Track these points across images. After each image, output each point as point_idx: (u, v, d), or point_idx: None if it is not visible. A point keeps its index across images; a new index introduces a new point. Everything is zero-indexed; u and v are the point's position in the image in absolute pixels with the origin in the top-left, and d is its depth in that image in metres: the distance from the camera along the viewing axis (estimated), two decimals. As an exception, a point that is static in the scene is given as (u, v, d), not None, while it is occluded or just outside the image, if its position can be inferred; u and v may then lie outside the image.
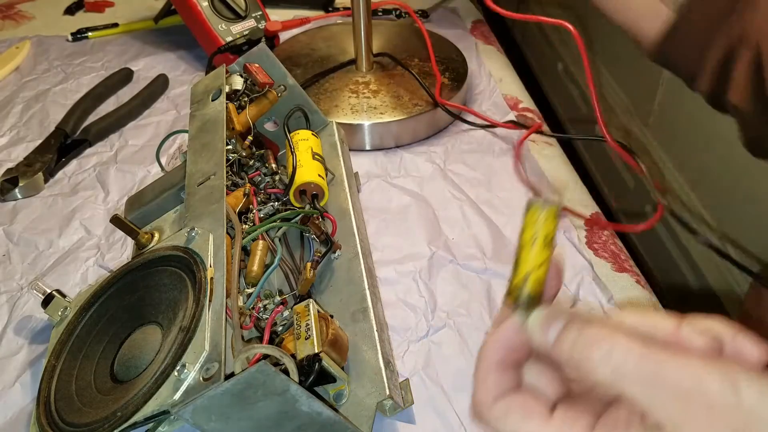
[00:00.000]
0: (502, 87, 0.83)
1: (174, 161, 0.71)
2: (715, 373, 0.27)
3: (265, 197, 0.55)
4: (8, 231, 0.63)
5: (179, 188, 0.53)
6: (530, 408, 0.30)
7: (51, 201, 0.67)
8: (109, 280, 0.48)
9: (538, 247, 0.29)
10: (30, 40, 0.95)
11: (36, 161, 0.71)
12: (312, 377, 0.41)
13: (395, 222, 0.63)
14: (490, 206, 0.64)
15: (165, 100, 0.83)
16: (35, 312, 0.55)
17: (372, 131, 0.71)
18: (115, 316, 0.46)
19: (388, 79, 0.76)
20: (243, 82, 0.59)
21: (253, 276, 0.47)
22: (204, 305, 0.40)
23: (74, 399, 0.42)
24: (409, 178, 0.68)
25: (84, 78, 0.86)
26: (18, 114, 0.80)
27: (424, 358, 0.50)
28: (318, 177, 0.55)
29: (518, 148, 0.71)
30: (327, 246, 0.52)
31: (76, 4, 1.05)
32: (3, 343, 0.53)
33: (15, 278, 0.58)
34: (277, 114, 0.62)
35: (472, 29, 0.97)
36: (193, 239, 0.45)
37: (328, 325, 0.44)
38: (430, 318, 0.53)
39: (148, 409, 0.37)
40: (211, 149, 0.52)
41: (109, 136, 0.76)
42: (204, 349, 0.37)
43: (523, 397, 0.31)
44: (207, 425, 0.36)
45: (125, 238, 0.61)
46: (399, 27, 0.89)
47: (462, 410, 0.47)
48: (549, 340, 0.29)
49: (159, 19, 0.98)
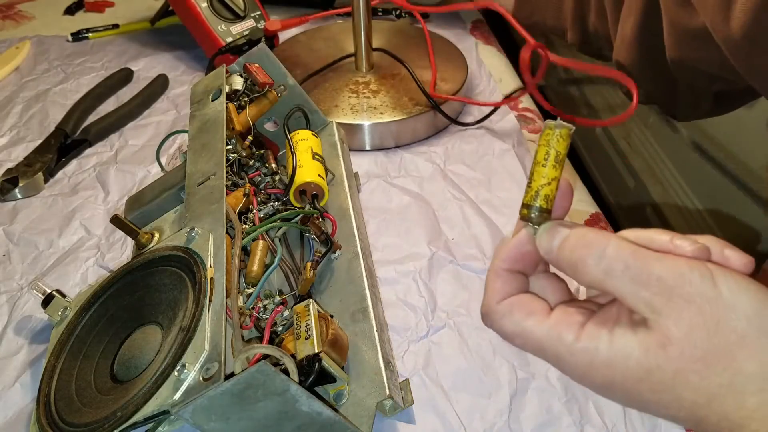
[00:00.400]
0: (502, 87, 0.83)
1: (174, 161, 0.71)
2: (696, 270, 0.28)
3: (265, 197, 0.55)
4: (8, 231, 0.63)
5: (179, 188, 0.53)
6: (532, 307, 0.32)
7: (51, 201, 0.67)
8: (109, 280, 0.48)
9: (550, 166, 0.31)
10: (30, 40, 0.95)
11: (36, 161, 0.71)
12: (312, 377, 0.41)
13: (395, 222, 0.63)
14: (490, 206, 0.64)
15: (165, 100, 0.83)
16: (35, 312, 0.55)
17: (372, 131, 0.71)
18: (115, 316, 0.46)
19: (388, 79, 0.76)
20: (243, 82, 0.59)
21: (253, 276, 0.47)
22: (204, 305, 0.40)
23: (74, 399, 0.42)
24: (409, 178, 0.68)
25: (84, 78, 0.86)
26: (18, 114, 0.80)
27: (424, 358, 0.50)
28: (318, 177, 0.55)
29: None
30: (327, 246, 0.52)
31: (76, 4, 1.05)
32: (3, 343, 0.53)
33: (15, 278, 0.58)
34: (277, 114, 0.62)
35: (472, 29, 0.97)
36: (193, 239, 0.45)
37: (328, 325, 0.44)
38: (430, 318, 0.53)
39: (148, 409, 0.37)
40: (211, 149, 0.52)
41: (109, 136, 0.76)
42: (204, 349, 0.37)
43: (527, 298, 0.33)
44: (207, 425, 0.36)
45: (125, 238, 0.61)
46: (399, 27, 0.89)
47: (462, 410, 0.47)
48: (553, 248, 0.31)
49: (156, 21, 0.98)
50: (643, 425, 0.46)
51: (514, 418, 0.46)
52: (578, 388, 0.48)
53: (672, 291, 0.28)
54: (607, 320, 0.31)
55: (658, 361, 0.28)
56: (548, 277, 0.35)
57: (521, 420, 0.46)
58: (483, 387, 0.48)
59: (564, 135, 0.31)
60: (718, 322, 0.28)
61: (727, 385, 0.28)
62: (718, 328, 0.28)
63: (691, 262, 0.29)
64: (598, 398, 0.47)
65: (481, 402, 0.47)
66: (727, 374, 0.28)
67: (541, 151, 0.32)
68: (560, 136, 0.31)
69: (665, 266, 0.29)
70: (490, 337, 0.52)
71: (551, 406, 0.47)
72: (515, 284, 0.33)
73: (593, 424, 0.46)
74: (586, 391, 0.47)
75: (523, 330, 0.32)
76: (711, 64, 0.55)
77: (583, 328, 0.30)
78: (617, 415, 0.46)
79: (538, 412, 0.47)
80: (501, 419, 0.46)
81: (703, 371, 0.28)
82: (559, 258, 0.31)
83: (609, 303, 0.32)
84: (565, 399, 0.47)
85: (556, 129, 0.31)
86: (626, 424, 0.46)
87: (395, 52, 0.80)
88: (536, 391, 0.48)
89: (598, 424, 0.46)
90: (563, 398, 0.47)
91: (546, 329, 0.31)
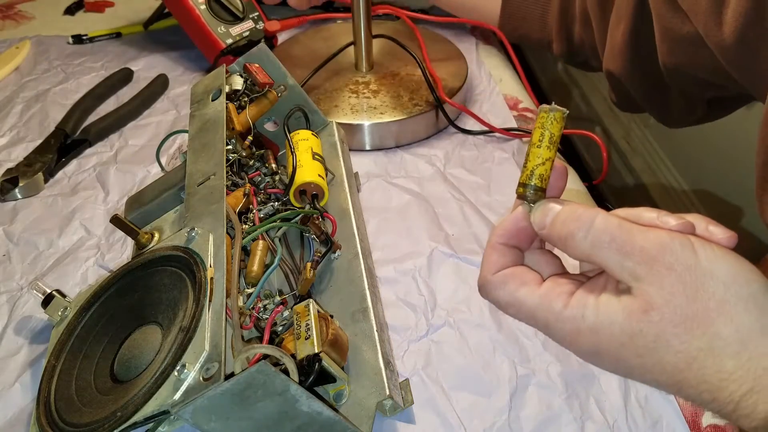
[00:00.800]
0: (502, 87, 0.83)
1: (174, 161, 0.71)
2: (677, 240, 0.30)
3: (265, 197, 0.55)
4: (8, 231, 0.63)
5: (179, 188, 0.53)
6: (525, 278, 0.34)
7: (51, 201, 0.67)
8: (109, 280, 0.48)
9: (544, 146, 0.33)
10: (30, 40, 0.95)
11: (36, 161, 0.71)
12: (312, 377, 0.41)
13: (395, 221, 0.63)
14: (490, 209, 0.64)
15: (165, 100, 0.83)
16: (35, 312, 0.55)
17: (372, 131, 0.71)
18: (115, 316, 0.46)
19: (388, 79, 0.76)
20: (243, 82, 0.59)
21: (253, 276, 0.47)
22: (204, 305, 0.40)
23: (74, 399, 0.42)
24: (409, 177, 0.68)
25: (84, 78, 0.86)
26: (18, 114, 0.80)
27: (424, 358, 0.50)
28: (318, 177, 0.55)
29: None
30: (327, 246, 0.52)
31: (76, 4, 1.05)
32: (3, 343, 0.53)
33: (15, 278, 0.58)
34: (277, 114, 0.62)
35: (472, 29, 0.97)
36: (193, 239, 0.45)
37: (328, 325, 0.44)
38: (429, 317, 0.53)
39: (148, 409, 0.37)
40: (211, 149, 0.52)
41: (109, 136, 0.76)
42: (204, 349, 0.37)
43: (520, 270, 0.35)
44: (207, 425, 0.36)
45: (125, 238, 0.61)
46: (399, 27, 0.89)
47: (462, 409, 0.47)
48: (546, 223, 0.33)
49: (149, 25, 0.97)
50: (644, 420, 0.46)
51: (514, 417, 0.46)
52: (579, 384, 0.48)
53: (654, 260, 0.30)
54: (593, 289, 0.32)
55: (640, 326, 0.30)
56: (543, 252, 0.36)
57: (521, 418, 0.46)
58: (483, 385, 0.48)
59: (558, 118, 0.33)
60: (697, 288, 0.29)
61: (706, 349, 0.29)
62: (697, 295, 0.29)
63: (672, 234, 0.30)
64: (599, 394, 0.47)
65: (482, 401, 0.47)
66: (705, 338, 0.29)
67: (537, 133, 0.33)
68: (554, 119, 0.33)
69: (648, 237, 0.30)
70: (490, 333, 0.52)
71: (552, 402, 0.47)
72: (510, 257, 0.35)
73: (594, 420, 0.46)
74: (586, 386, 0.48)
75: (515, 299, 0.33)
76: (704, 70, 0.55)
77: (571, 297, 0.32)
78: (618, 411, 0.46)
79: (539, 410, 0.47)
80: (501, 418, 0.46)
81: (683, 335, 0.29)
82: (551, 232, 0.33)
83: (597, 275, 0.34)
84: (565, 395, 0.47)
85: (551, 112, 0.33)
86: (627, 420, 0.46)
87: (395, 53, 0.80)
88: (537, 388, 0.48)
89: (599, 420, 0.46)
90: (564, 394, 0.47)
91: (537, 298, 0.33)
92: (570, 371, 0.49)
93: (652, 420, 0.46)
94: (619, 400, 0.47)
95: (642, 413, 0.46)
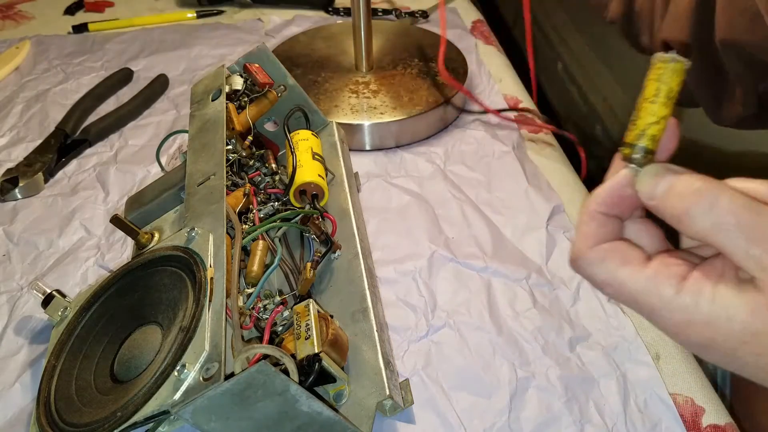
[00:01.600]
0: (502, 87, 0.83)
1: (174, 161, 0.71)
2: None
3: (265, 197, 0.55)
4: (8, 231, 0.63)
5: (179, 188, 0.53)
6: (628, 255, 0.30)
7: (51, 201, 0.67)
8: (109, 280, 0.48)
9: (660, 103, 0.29)
10: (30, 40, 0.95)
11: (36, 161, 0.71)
12: (312, 377, 0.41)
13: (395, 221, 0.63)
14: (490, 206, 0.64)
15: (165, 100, 0.83)
16: (35, 312, 0.55)
17: (372, 131, 0.71)
18: (115, 316, 0.46)
19: (388, 79, 0.76)
20: (243, 82, 0.59)
21: (253, 276, 0.47)
22: (204, 305, 0.40)
23: (74, 399, 0.42)
24: (409, 177, 0.68)
25: (84, 78, 0.86)
26: (18, 114, 0.80)
27: (424, 358, 0.50)
28: (318, 177, 0.55)
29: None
30: (327, 246, 0.52)
31: (76, 5, 1.05)
32: (3, 343, 0.53)
33: (15, 278, 0.58)
34: (277, 114, 0.62)
35: (472, 29, 0.97)
36: (193, 239, 0.45)
37: (328, 325, 0.44)
38: (430, 317, 0.53)
39: (148, 409, 0.37)
40: (211, 149, 0.52)
41: (109, 136, 0.76)
42: (204, 349, 0.37)
43: (623, 245, 0.30)
44: (207, 425, 0.36)
45: (125, 238, 0.61)
46: (399, 27, 0.89)
47: (462, 410, 0.47)
48: (657, 194, 0.29)
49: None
50: (643, 425, 0.46)
51: (514, 418, 0.46)
52: (579, 388, 0.48)
53: None
54: (710, 275, 0.28)
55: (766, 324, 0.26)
56: (644, 221, 0.32)
57: (521, 419, 0.46)
58: (483, 386, 0.48)
59: (678, 70, 0.29)
60: None
61: None
62: None
63: None
64: (598, 398, 0.47)
65: (482, 401, 0.47)
66: None
67: (651, 86, 0.29)
68: (674, 71, 0.29)
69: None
70: (490, 336, 0.52)
71: (551, 405, 0.47)
72: (610, 228, 0.31)
73: (593, 424, 0.46)
74: (586, 390, 0.48)
75: (615, 279, 0.30)
76: (762, 50, 0.53)
77: (683, 282, 0.28)
78: (617, 415, 0.46)
79: (539, 412, 0.47)
80: (501, 419, 0.46)
81: None
82: (664, 206, 0.29)
83: (713, 257, 0.30)
84: (565, 398, 0.47)
85: (671, 63, 0.29)
86: (626, 424, 0.46)
87: (395, 53, 0.80)
88: (536, 390, 0.48)
89: (599, 423, 0.46)
90: (563, 397, 0.47)
91: (643, 281, 0.29)
92: (569, 375, 0.49)
93: (651, 424, 0.46)
94: (619, 405, 0.47)
95: (641, 417, 0.46)
